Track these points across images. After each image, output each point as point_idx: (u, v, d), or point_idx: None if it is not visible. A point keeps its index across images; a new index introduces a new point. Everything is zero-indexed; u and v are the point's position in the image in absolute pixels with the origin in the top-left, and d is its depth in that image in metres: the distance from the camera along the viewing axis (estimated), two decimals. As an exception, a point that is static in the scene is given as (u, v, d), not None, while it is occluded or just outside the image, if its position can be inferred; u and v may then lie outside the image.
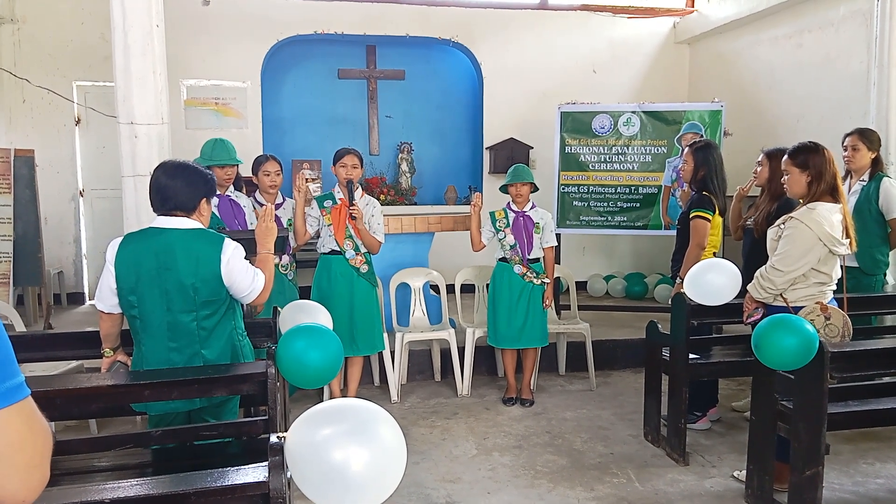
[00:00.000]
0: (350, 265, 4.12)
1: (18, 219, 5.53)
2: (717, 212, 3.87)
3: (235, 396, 2.59)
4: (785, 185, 3.24)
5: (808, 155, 3.09)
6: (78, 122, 6.72)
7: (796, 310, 3.01)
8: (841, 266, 3.14)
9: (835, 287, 3.13)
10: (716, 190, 3.89)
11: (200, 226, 2.50)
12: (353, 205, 4.02)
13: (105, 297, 2.49)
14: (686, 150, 4.10)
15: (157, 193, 2.46)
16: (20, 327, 3.96)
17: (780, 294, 3.09)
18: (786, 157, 3.20)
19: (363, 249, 4.15)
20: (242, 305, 2.68)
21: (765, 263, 3.20)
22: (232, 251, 2.45)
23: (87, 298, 6.81)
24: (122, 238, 2.50)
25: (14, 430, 0.76)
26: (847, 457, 3.64)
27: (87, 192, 6.84)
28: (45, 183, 6.03)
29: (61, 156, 6.63)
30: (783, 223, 3.09)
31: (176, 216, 2.45)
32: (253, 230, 3.02)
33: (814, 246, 2.98)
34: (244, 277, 2.47)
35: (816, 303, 3.02)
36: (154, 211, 2.50)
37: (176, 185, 2.43)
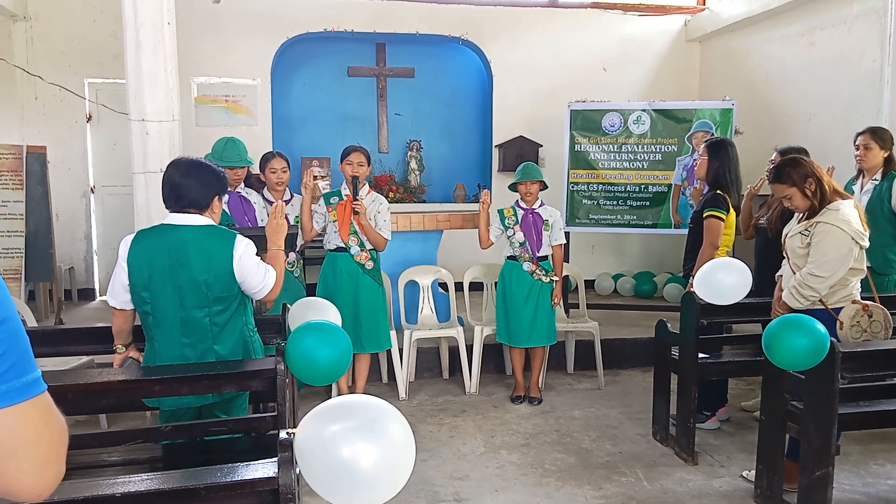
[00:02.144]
0: (355, 262, 4.13)
1: (30, 215, 5.57)
2: (730, 210, 3.85)
3: (245, 392, 2.61)
4: (789, 207, 3.20)
5: (793, 170, 3.08)
6: (89, 119, 6.76)
7: (836, 311, 3.00)
8: (868, 267, 3.14)
9: (859, 286, 3.12)
10: (730, 187, 3.86)
11: (212, 222, 2.51)
12: (356, 200, 4.03)
13: (117, 294, 2.51)
14: (702, 147, 4.08)
15: (171, 191, 2.47)
16: (31, 322, 4.00)
17: (820, 299, 3.06)
18: (775, 184, 3.16)
19: (368, 246, 4.15)
20: (253, 301, 2.69)
21: (778, 262, 3.17)
22: (244, 247, 2.47)
23: (97, 294, 6.85)
24: (134, 235, 2.52)
25: (31, 424, 0.76)
26: (857, 458, 3.62)
27: (99, 189, 6.88)
28: (56, 179, 6.06)
29: (73, 152, 6.67)
30: (807, 229, 3.05)
31: (188, 213, 2.47)
32: (263, 227, 3.03)
33: (849, 246, 2.97)
34: (256, 273, 2.49)
35: (854, 301, 3.01)
36: (167, 208, 2.51)
37: (189, 183, 2.45)
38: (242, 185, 4.05)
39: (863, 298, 3.13)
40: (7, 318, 0.75)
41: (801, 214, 3.13)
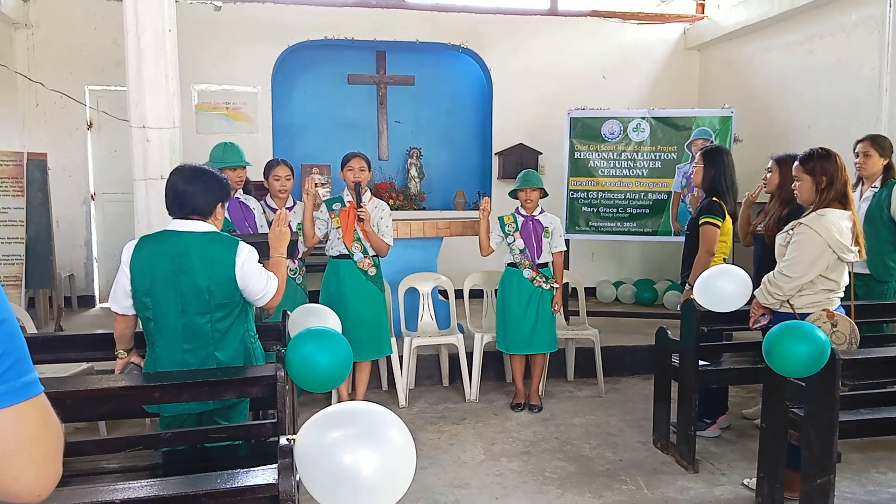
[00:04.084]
0: (358, 268, 4.13)
1: (31, 222, 5.57)
2: (726, 217, 3.86)
3: (245, 399, 2.60)
4: (795, 192, 3.22)
5: (820, 161, 3.07)
6: (90, 126, 6.77)
7: (802, 316, 2.99)
8: (849, 273, 3.12)
9: (842, 294, 3.11)
10: (725, 194, 3.88)
11: (215, 229, 2.52)
12: (360, 207, 4.04)
13: (119, 299, 2.51)
14: (697, 155, 4.10)
15: (175, 198, 2.48)
16: (31, 329, 3.99)
17: (787, 300, 3.07)
18: (797, 163, 3.18)
19: (371, 252, 4.15)
20: (254, 308, 2.69)
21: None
22: (246, 254, 2.47)
23: (97, 301, 6.85)
24: (137, 240, 2.52)
25: (30, 424, 0.77)
26: (858, 465, 3.61)
27: (99, 196, 6.89)
28: (57, 186, 6.07)
29: (73, 159, 6.68)
30: (791, 229, 3.08)
31: (192, 220, 2.47)
32: (265, 234, 3.03)
33: (823, 252, 2.96)
34: (258, 280, 2.49)
35: (823, 310, 3.00)
36: (170, 214, 2.52)
37: (193, 190, 2.46)
38: (241, 191, 4.06)
39: (843, 305, 3.13)
40: (5, 321, 0.76)
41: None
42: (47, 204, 5.65)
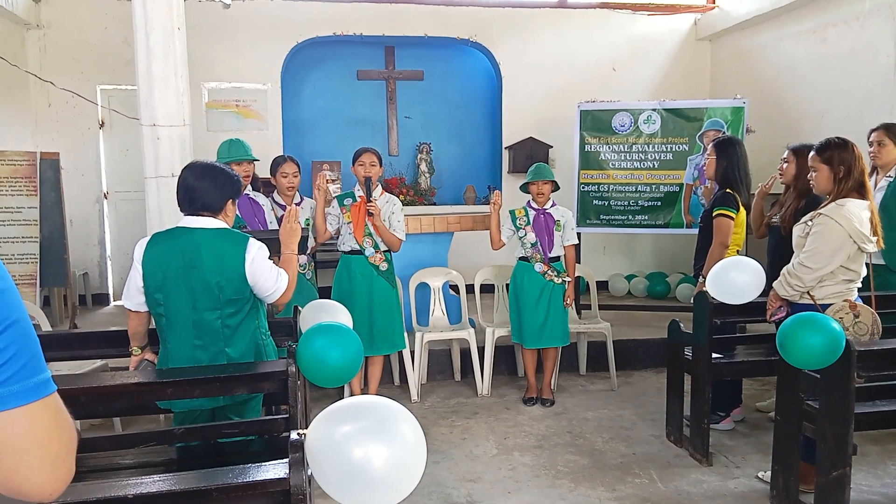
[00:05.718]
0: (370, 263, 4.13)
1: (44, 221, 5.62)
2: (740, 209, 3.83)
3: (258, 395, 2.61)
4: (812, 182, 3.19)
5: (836, 151, 3.04)
6: (102, 125, 6.81)
7: (824, 307, 2.97)
8: (867, 264, 3.09)
9: (860, 284, 3.08)
10: (739, 185, 3.85)
11: (226, 226, 2.53)
12: (370, 201, 4.04)
13: (132, 296, 2.53)
14: (710, 146, 4.07)
15: (185, 194, 2.49)
16: (46, 327, 4.03)
17: (807, 291, 3.04)
18: (813, 153, 3.15)
19: (383, 247, 4.16)
20: (266, 305, 2.70)
21: (791, 261, 3.15)
22: (256, 251, 2.48)
23: (111, 299, 6.90)
24: (149, 238, 2.54)
25: (42, 423, 0.77)
26: (875, 458, 3.58)
27: (112, 194, 6.94)
28: (70, 185, 6.11)
29: (86, 158, 6.73)
30: (811, 220, 3.05)
31: (202, 216, 2.48)
32: (276, 230, 3.04)
33: (844, 243, 2.94)
34: (268, 277, 2.50)
35: (845, 300, 2.97)
36: (181, 211, 2.53)
37: (204, 186, 2.47)
38: (249, 187, 4.08)
39: (861, 295, 3.10)
40: (18, 320, 0.76)
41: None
42: (60, 203, 5.69)
